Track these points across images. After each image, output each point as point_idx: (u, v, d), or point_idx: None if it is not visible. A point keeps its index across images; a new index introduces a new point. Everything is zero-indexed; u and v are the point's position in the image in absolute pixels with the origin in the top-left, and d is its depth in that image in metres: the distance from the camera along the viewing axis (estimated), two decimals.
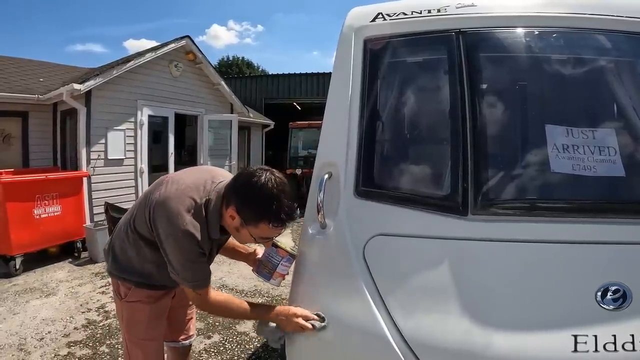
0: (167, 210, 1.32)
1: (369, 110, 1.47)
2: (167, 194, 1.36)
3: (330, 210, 1.36)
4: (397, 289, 1.23)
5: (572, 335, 1.06)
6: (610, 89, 1.45)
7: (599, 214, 1.20)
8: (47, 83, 7.23)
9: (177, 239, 1.30)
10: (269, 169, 1.35)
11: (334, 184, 1.39)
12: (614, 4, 1.50)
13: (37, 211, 4.89)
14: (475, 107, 1.36)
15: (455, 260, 1.22)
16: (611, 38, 1.45)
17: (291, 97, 17.20)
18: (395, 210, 1.31)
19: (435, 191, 1.37)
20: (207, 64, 8.63)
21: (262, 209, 1.28)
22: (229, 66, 34.72)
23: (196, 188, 1.38)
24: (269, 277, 1.49)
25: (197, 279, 1.35)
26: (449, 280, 1.19)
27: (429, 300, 1.19)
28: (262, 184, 1.28)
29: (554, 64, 1.50)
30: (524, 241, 1.20)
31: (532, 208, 1.27)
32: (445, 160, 1.38)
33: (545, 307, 1.12)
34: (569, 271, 1.16)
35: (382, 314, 1.19)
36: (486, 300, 1.17)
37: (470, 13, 1.53)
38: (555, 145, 1.30)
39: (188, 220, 1.30)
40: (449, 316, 1.16)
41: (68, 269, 4.96)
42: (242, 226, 1.34)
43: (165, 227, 1.31)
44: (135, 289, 1.50)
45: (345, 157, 1.41)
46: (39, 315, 3.58)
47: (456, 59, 1.44)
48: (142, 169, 7.19)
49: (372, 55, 1.53)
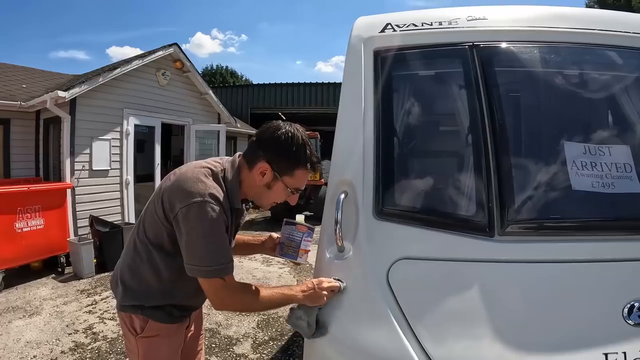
0: (184, 184, 1.25)
1: (384, 125, 1.42)
2: (179, 175, 1.31)
3: (347, 232, 1.29)
4: (425, 315, 1.17)
5: (603, 353, 1.06)
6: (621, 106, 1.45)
7: (622, 232, 1.21)
8: (30, 89, 6.98)
9: (202, 206, 1.20)
10: (284, 121, 1.37)
11: (350, 203, 1.33)
12: (624, 20, 1.51)
13: (18, 224, 4.67)
14: (495, 123, 1.35)
15: (482, 283, 1.18)
16: (623, 54, 1.46)
17: (277, 107, 17.15)
18: (418, 232, 1.26)
19: (460, 212, 1.32)
20: (194, 73, 8.52)
21: (297, 155, 1.31)
22: (213, 75, 34.63)
23: (208, 163, 1.37)
24: (296, 255, 1.49)
25: (222, 261, 1.22)
26: (478, 304, 1.16)
27: (458, 326, 1.15)
28: (292, 133, 1.31)
29: (569, 80, 1.50)
30: (549, 261, 1.19)
31: (556, 227, 1.26)
32: (468, 179, 1.34)
33: (575, 327, 1.11)
34: (595, 289, 1.15)
35: (412, 343, 1.13)
36: (516, 323, 1.14)
37: (482, 27, 1.52)
38: (575, 163, 1.30)
39: (209, 184, 1.25)
40: (481, 342, 1.12)
41: (52, 285, 4.74)
42: (276, 179, 1.33)
43: (184, 199, 1.21)
44: (152, 322, 1.36)
45: (361, 175, 1.36)
46: (22, 337, 3.38)
47: (472, 72, 1.44)
48: (127, 180, 6.99)
49: (383, 67, 1.50)
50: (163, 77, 7.70)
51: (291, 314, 1.29)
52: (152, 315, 1.36)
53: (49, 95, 5.65)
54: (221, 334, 3.53)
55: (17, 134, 6.53)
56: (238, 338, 3.47)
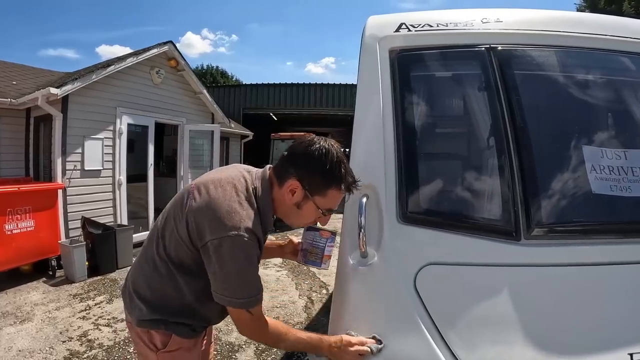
0: (215, 212, 1.14)
1: (405, 126, 1.41)
2: (206, 196, 1.18)
3: (371, 237, 1.26)
4: (455, 321, 1.15)
5: (628, 354, 1.07)
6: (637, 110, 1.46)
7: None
8: (20, 86, 6.78)
9: (235, 241, 1.10)
10: (320, 137, 1.26)
11: (372, 208, 1.30)
12: (634, 26, 1.52)
13: (8, 226, 4.53)
14: (518, 126, 1.35)
15: (510, 287, 1.18)
16: (636, 60, 1.48)
17: (270, 107, 17.07)
18: (444, 237, 1.24)
19: (485, 215, 1.30)
20: (189, 72, 8.39)
21: (331, 174, 1.19)
22: (203, 75, 34.39)
23: (237, 181, 1.23)
24: (320, 262, 1.45)
25: (252, 293, 1.16)
26: (506, 309, 1.15)
27: (488, 331, 1.13)
28: (326, 149, 1.19)
29: (585, 84, 1.50)
30: (573, 264, 1.20)
31: (579, 231, 1.26)
32: (493, 182, 1.32)
33: (602, 328, 1.12)
34: (619, 291, 1.16)
35: (443, 350, 1.11)
36: (545, 326, 1.14)
37: (498, 29, 1.53)
38: (593, 167, 1.31)
39: (245, 216, 1.15)
40: (512, 347, 1.11)
41: (43, 289, 4.60)
42: (307, 199, 1.22)
43: (216, 231, 1.12)
44: (175, 337, 1.28)
45: (383, 178, 1.33)
46: (14, 345, 3.24)
47: (491, 74, 1.46)
48: (120, 181, 6.85)
49: (401, 67, 1.49)
50: (157, 75, 7.57)
51: (310, 357, 1.30)
52: (176, 330, 1.29)
53: (41, 92, 5.49)
54: (222, 340, 3.43)
55: (6, 132, 6.33)
56: (240, 344, 3.37)
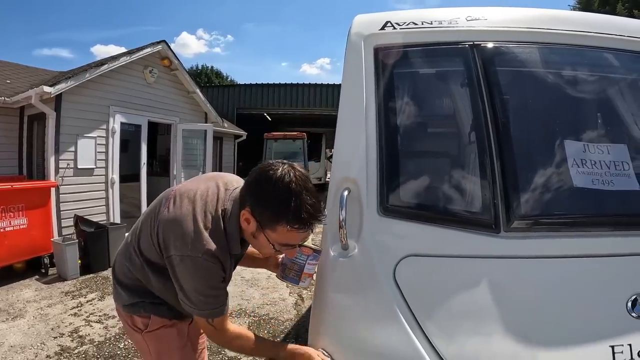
0: (181, 229, 1.15)
1: (387, 122, 1.42)
2: (178, 210, 1.19)
3: (351, 230, 1.28)
4: (434, 313, 1.17)
5: (609, 346, 1.10)
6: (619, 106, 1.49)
7: (624, 227, 1.23)
8: (14, 85, 6.78)
9: (196, 262, 1.12)
10: (287, 162, 1.16)
11: (354, 201, 1.32)
12: (619, 24, 1.55)
13: (1, 224, 4.53)
14: (499, 121, 1.37)
15: (490, 279, 1.19)
16: (618, 57, 1.51)
17: (264, 108, 17.08)
18: (424, 229, 1.26)
19: (466, 208, 1.32)
20: (182, 71, 8.40)
21: (279, 207, 1.08)
22: (198, 75, 34.38)
23: (210, 199, 1.22)
24: (297, 280, 1.36)
25: (215, 306, 1.19)
26: (486, 301, 1.17)
27: (468, 323, 1.15)
28: (277, 178, 1.08)
29: (567, 80, 1.52)
30: (553, 257, 1.21)
31: (560, 223, 1.28)
32: (473, 175, 1.34)
33: (582, 321, 1.14)
34: (599, 284, 1.18)
35: (422, 342, 1.13)
36: (524, 318, 1.16)
37: (482, 27, 1.55)
38: (575, 161, 1.33)
39: (207, 239, 1.13)
40: (492, 339, 1.13)
41: (35, 287, 4.60)
42: (259, 231, 1.14)
43: (180, 248, 1.13)
44: (155, 317, 1.32)
45: (365, 173, 1.34)
46: (6, 341, 3.26)
47: (473, 70, 1.47)
48: (113, 180, 6.85)
49: (385, 64, 1.50)
50: (150, 74, 7.58)
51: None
52: (153, 310, 1.33)
53: (34, 90, 5.49)
54: None
55: (0, 131, 6.34)
56: None
